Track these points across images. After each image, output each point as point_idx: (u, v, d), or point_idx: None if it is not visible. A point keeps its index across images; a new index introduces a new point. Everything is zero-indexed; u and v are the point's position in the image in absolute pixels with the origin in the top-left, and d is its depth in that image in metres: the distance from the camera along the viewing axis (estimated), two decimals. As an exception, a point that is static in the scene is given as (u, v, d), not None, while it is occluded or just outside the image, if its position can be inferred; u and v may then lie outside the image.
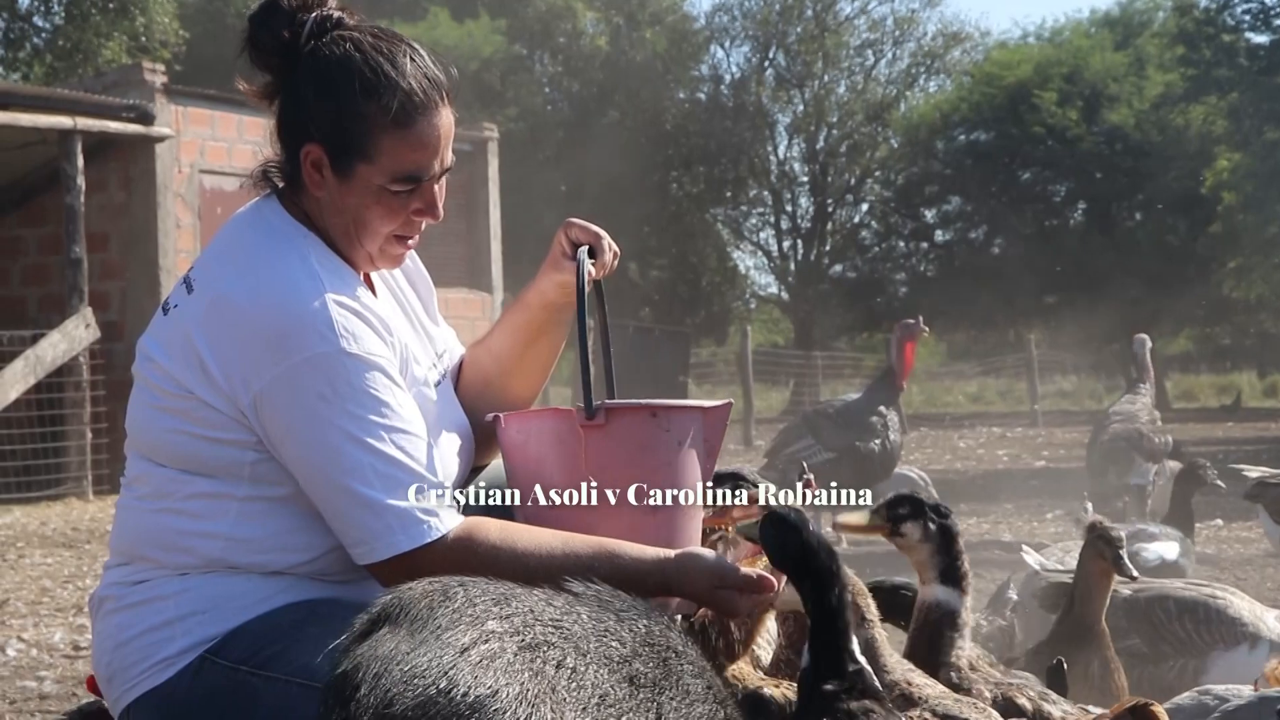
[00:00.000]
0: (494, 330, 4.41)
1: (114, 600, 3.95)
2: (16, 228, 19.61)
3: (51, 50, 30.60)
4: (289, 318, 3.74)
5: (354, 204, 3.91)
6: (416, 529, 3.70)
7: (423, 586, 3.27)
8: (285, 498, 3.84)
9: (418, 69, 3.90)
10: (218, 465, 3.84)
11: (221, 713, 3.80)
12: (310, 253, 3.89)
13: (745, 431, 26.65)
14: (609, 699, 3.30)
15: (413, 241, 4.06)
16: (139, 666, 3.88)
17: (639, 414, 3.94)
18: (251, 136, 19.62)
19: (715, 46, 51.15)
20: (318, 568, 3.90)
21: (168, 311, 3.94)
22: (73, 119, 17.72)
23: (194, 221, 18.95)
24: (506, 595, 3.32)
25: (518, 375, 4.34)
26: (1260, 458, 16.28)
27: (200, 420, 3.81)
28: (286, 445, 3.77)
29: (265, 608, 3.83)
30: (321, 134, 3.87)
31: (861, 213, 53.30)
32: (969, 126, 47.72)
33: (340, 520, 3.76)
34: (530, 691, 3.16)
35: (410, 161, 3.88)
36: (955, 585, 4.63)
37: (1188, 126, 41.00)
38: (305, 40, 3.89)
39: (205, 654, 3.82)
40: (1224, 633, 5.82)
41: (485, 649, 3.16)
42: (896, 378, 13.28)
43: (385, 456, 3.73)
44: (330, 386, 3.72)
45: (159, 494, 3.91)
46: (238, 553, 3.85)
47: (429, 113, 3.89)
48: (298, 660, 3.67)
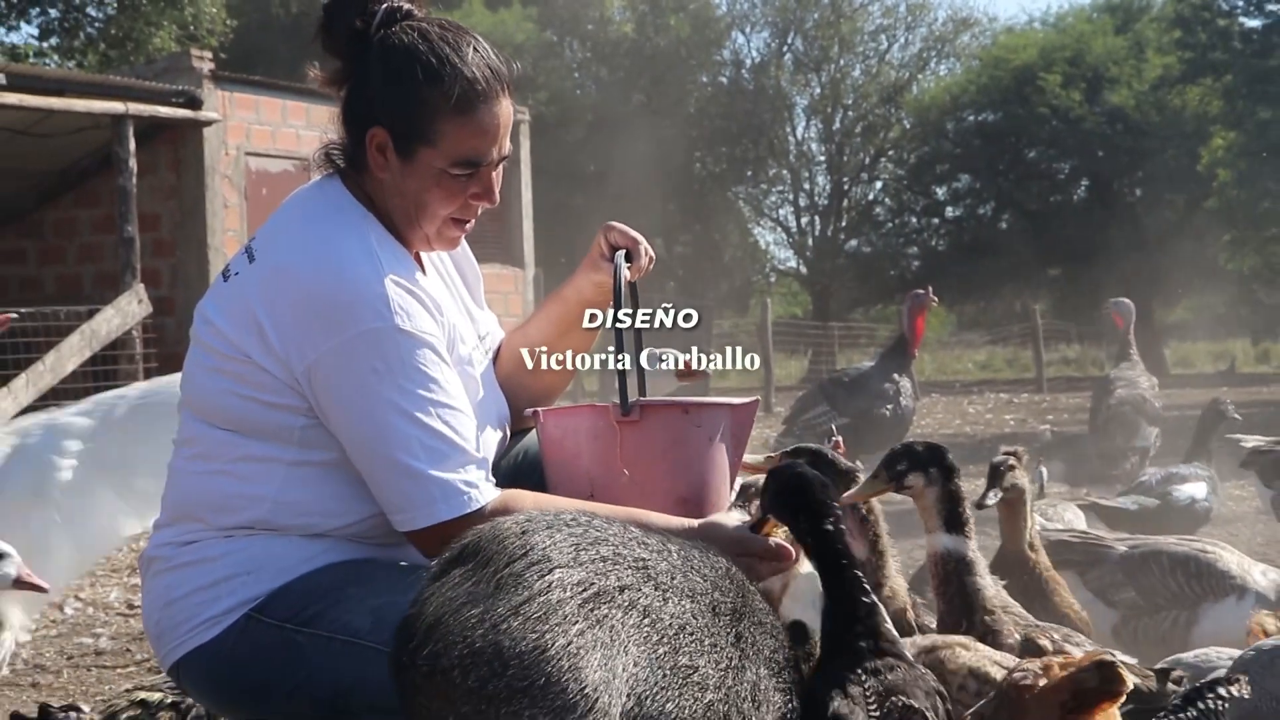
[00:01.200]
0: (531, 319, 4.45)
1: (163, 561, 3.96)
2: (72, 208, 19.64)
3: (104, 39, 30.60)
4: (347, 292, 3.74)
5: (415, 187, 3.92)
6: (458, 499, 3.71)
7: (507, 526, 3.30)
8: (331, 463, 3.85)
9: (480, 59, 3.91)
10: (268, 428, 3.84)
11: (266, 669, 3.80)
12: (369, 232, 3.90)
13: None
14: (689, 627, 3.35)
15: (469, 225, 4.07)
16: (187, 625, 3.89)
17: (672, 411, 3.97)
18: (295, 120, 19.62)
19: (736, 32, 51.05)
20: (359, 531, 3.90)
21: (228, 278, 3.94)
22: (124, 104, 17.71)
23: (240, 202, 18.96)
24: (593, 539, 3.36)
25: (550, 363, 4.32)
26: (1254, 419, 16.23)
27: (254, 384, 3.82)
28: (337, 414, 3.78)
29: (308, 568, 3.84)
30: (387, 118, 3.88)
31: (876, 190, 53.22)
32: (977, 108, 47.66)
33: (385, 488, 3.77)
34: (579, 643, 3.17)
35: (470, 147, 3.89)
36: (959, 531, 4.60)
37: (1184, 107, 40.89)
38: (375, 29, 3.90)
39: (250, 612, 3.83)
40: (1213, 585, 5.82)
41: (542, 601, 3.18)
42: (909, 346, 13.24)
43: (431, 430, 3.73)
44: (383, 361, 3.72)
45: (209, 455, 3.92)
46: (283, 515, 3.86)
47: (490, 101, 3.90)
48: (339, 618, 3.70)
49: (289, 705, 3.78)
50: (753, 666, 3.44)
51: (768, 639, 3.52)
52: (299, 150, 19.37)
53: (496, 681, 3.10)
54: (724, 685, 3.37)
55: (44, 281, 19.54)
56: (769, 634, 3.53)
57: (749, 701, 3.40)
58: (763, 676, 3.46)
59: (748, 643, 3.45)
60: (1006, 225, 47.42)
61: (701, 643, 3.36)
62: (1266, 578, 5.88)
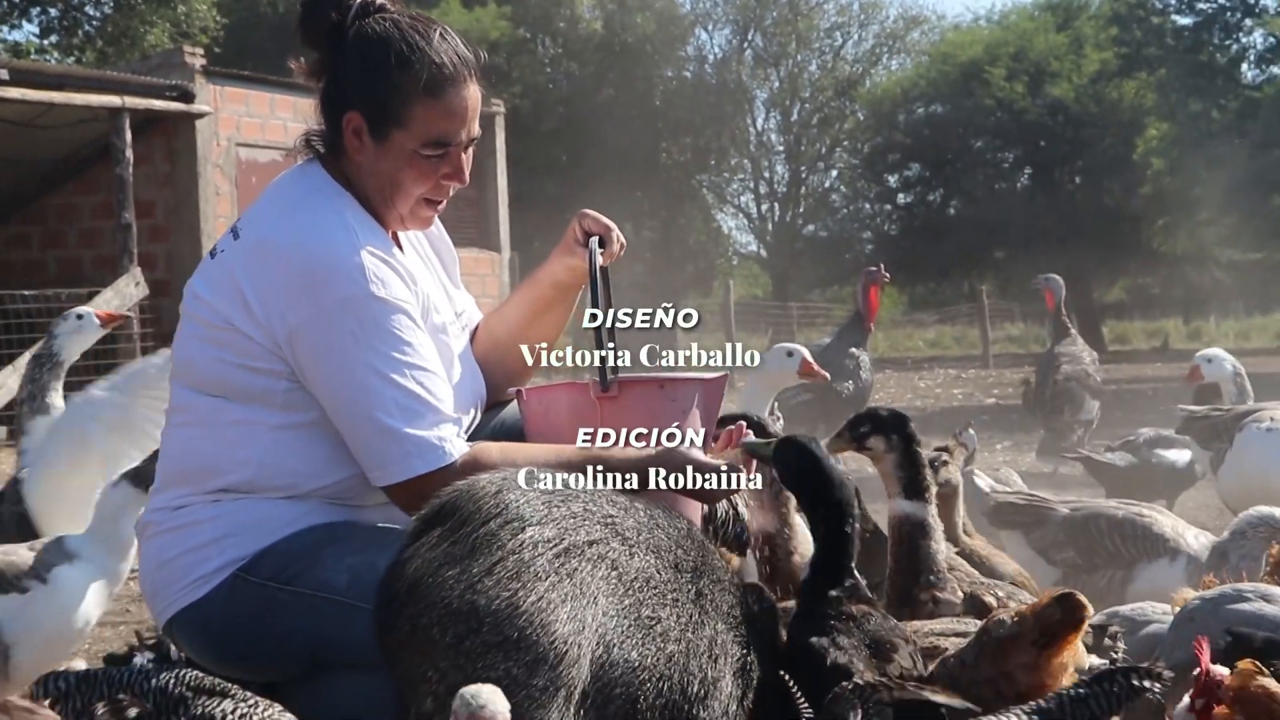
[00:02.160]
0: (508, 300, 4.50)
1: (156, 525, 3.99)
2: (72, 196, 19.58)
3: (101, 36, 30.52)
4: (324, 262, 3.78)
5: (389, 167, 3.96)
6: (432, 454, 3.73)
7: (483, 485, 3.33)
8: (313, 424, 3.88)
9: (448, 46, 3.96)
10: (253, 392, 3.87)
11: (252, 624, 3.84)
12: (345, 209, 3.94)
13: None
14: (653, 581, 3.39)
15: (441, 205, 4.11)
16: (178, 584, 3.93)
17: (648, 386, 4.01)
18: (282, 113, 19.58)
19: (699, 29, 51.15)
20: (338, 491, 3.92)
21: (215, 255, 4.00)
22: (121, 98, 17.65)
23: (231, 190, 18.92)
24: (565, 495, 3.39)
25: (527, 340, 4.35)
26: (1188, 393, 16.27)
27: (239, 350, 3.85)
28: (317, 377, 3.81)
29: (290, 530, 3.87)
30: (362, 102, 3.93)
31: (831, 178, 53.51)
32: (927, 100, 47.72)
33: (363, 446, 3.80)
34: (549, 598, 3.20)
35: (439, 128, 3.94)
36: (919, 497, 4.55)
37: (1121, 100, 41.01)
38: (350, 21, 3.95)
39: (237, 572, 3.87)
40: (1148, 547, 5.84)
41: (515, 560, 3.22)
42: (864, 321, 13.17)
43: (405, 390, 3.76)
44: (359, 326, 3.76)
45: (198, 422, 3.95)
46: (267, 477, 3.89)
47: (458, 85, 3.95)
48: (319, 576, 3.73)
49: (274, 659, 3.80)
50: (711, 621, 3.46)
51: (726, 596, 3.54)
52: (286, 141, 19.30)
53: (473, 638, 3.13)
54: (684, 638, 3.39)
55: (47, 265, 19.48)
56: (727, 591, 3.55)
57: (707, 655, 3.43)
58: (720, 631, 3.48)
59: (707, 599, 3.47)
60: (954, 211, 47.46)
61: (664, 596, 3.39)
62: (1199, 541, 5.90)
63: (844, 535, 3.68)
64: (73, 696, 3.28)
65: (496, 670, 3.11)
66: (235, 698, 3.28)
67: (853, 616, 3.61)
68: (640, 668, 3.30)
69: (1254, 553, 5.62)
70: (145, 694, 3.24)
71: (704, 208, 52.18)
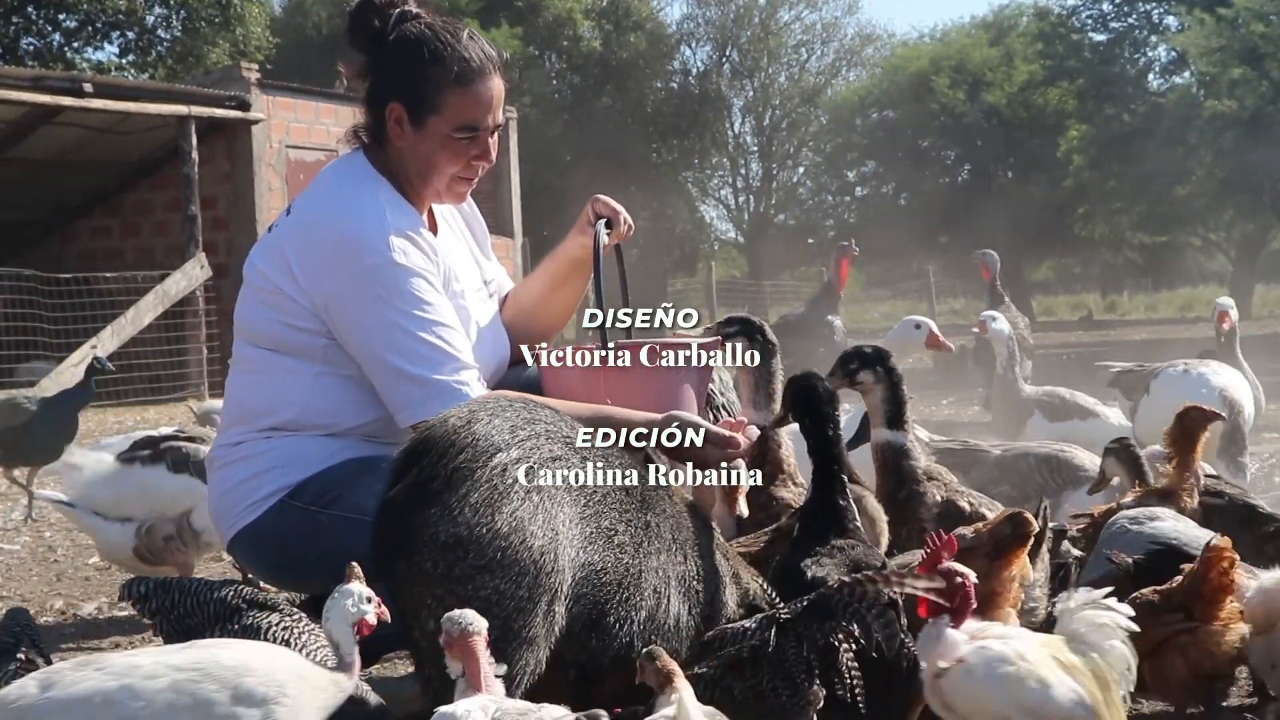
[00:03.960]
0: (532, 273, 4.50)
1: (218, 460, 4.06)
2: (146, 192, 19.57)
3: (171, 55, 30.44)
4: (355, 236, 3.82)
5: (426, 150, 3.99)
6: (451, 396, 3.72)
7: (453, 417, 3.27)
8: (347, 375, 3.91)
9: (475, 44, 4.00)
10: (297, 347, 3.91)
11: (297, 542, 3.88)
12: (379, 191, 3.97)
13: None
14: (610, 497, 3.36)
15: (473, 183, 4.13)
16: (236, 509, 3.97)
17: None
18: (325, 119, 19.54)
19: (684, 46, 50.98)
20: (370, 430, 3.95)
21: (271, 230, 4.06)
22: (188, 108, 17.66)
23: (282, 186, 18.89)
24: (527, 418, 3.33)
25: (545, 309, 4.41)
26: (1104, 354, 16.30)
27: (286, 310, 3.89)
28: (351, 334, 3.83)
29: (330, 462, 3.91)
30: (402, 94, 3.96)
31: (799, 174, 53.55)
32: (880, 106, 47.82)
33: (390, 392, 3.82)
34: (521, 514, 3.16)
35: (469, 114, 3.97)
36: (899, 426, 4.51)
37: (1046, 105, 41.01)
38: (390, 27, 3.99)
39: (284, 498, 3.92)
40: (1071, 477, 5.82)
41: (488, 486, 3.16)
42: (835, 288, 13.08)
43: (427, 343, 3.79)
44: (385, 289, 3.78)
45: (253, 369, 4.01)
46: (309, 417, 3.94)
47: (484, 77, 3.98)
48: (354, 501, 3.75)
49: (317, 572, 3.79)
50: (659, 543, 3.42)
51: (669, 521, 3.47)
52: (329, 143, 19.30)
53: (461, 564, 3.11)
54: (639, 552, 3.36)
55: (125, 252, 19.47)
56: (670, 517, 3.48)
57: (657, 573, 3.38)
58: (667, 554, 3.43)
59: (653, 526, 3.42)
60: (905, 202, 47.41)
61: (620, 512, 3.36)
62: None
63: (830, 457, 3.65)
64: (150, 599, 3.30)
65: (485, 589, 3.09)
66: (282, 611, 3.28)
67: (839, 547, 3.58)
68: (602, 570, 3.27)
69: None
70: (207, 603, 3.26)
71: (689, 200, 52.08)
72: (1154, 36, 38.88)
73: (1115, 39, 39.31)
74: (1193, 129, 32.76)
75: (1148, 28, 39.22)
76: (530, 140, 32.35)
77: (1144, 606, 3.57)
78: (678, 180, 50.47)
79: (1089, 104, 37.52)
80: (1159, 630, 3.61)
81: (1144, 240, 43.02)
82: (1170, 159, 32.97)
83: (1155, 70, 40.19)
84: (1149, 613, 3.56)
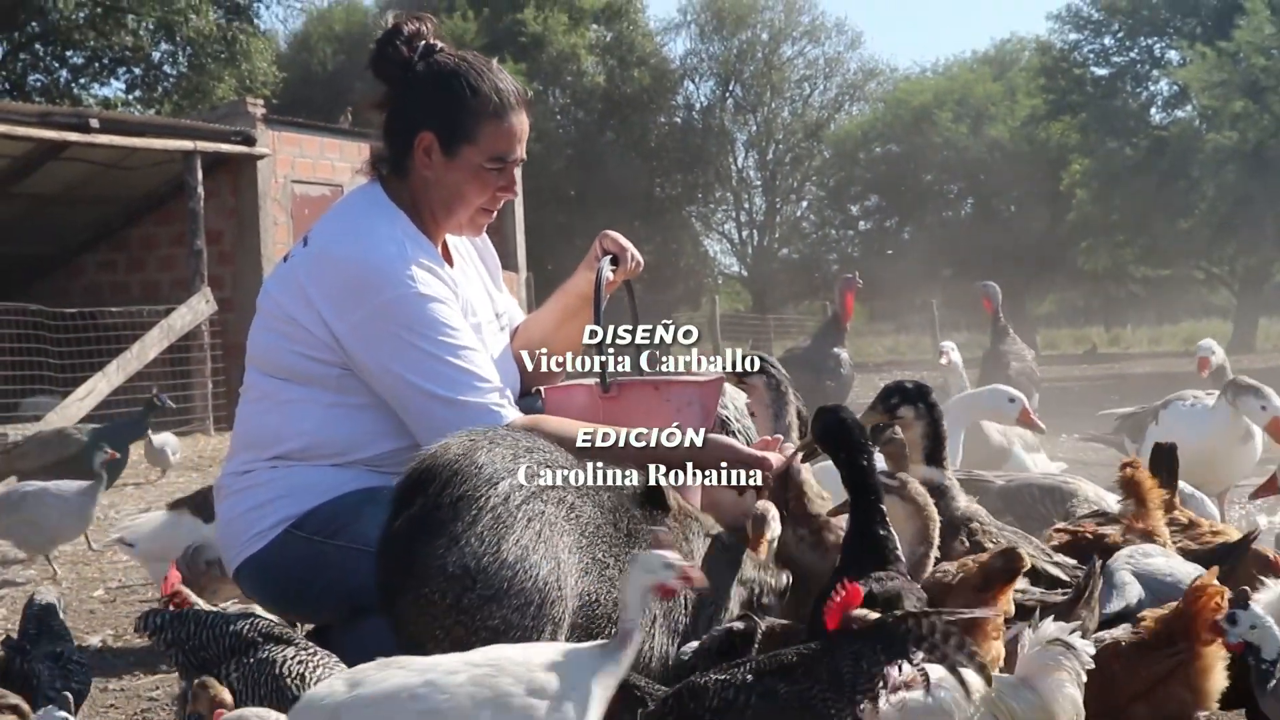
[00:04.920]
0: (543, 306, 4.51)
1: (226, 488, 4.05)
2: (152, 227, 19.56)
3: (177, 91, 30.53)
4: (375, 269, 3.82)
5: (455, 179, 4.00)
6: (488, 417, 3.74)
7: (452, 449, 3.30)
8: (358, 405, 3.91)
9: (506, 79, 4.04)
10: (310, 375, 3.91)
11: (302, 572, 3.86)
12: (398, 224, 3.97)
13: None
14: (601, 530, 3.40)
15: (492, 215, 4.16)
16: (242, 537, 3.97)
17: (643, 388, 4.01)
18: (330, 154, 19.57)
19: (687, 82, 51.13)
20: (378, 461, 3.94)
21: (287, 260, 4.05)
22: (194, 143, 17.67)
23: (287, 220, 18.90)
24: (527, 448, 3.37)
25: (554, 342, 4.36)
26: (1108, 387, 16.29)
27: (300, 340, 3.88)
28: (376, 365, 3.82)
29: (336, 493, 3.89)
30: (436, 123, 3.97)
31: (802, 208, 53.60)
32: (883, 140, 47.94)
33: (424, 418, 3.80)
34: (524, 542, 3.19)
35: (502, 145, 4.00)
36: (938, 464, 4.41)
37: (1049, 139, 41.01)
38: (419, 58, 4.00)
39: (289, 528, 3.90)
40: (1075, 510, 5.81)
41: (491, 515, 3.19)
42: (841, 321, 13.04)
43: (457, 367, 3.79)
44: (409, 319, 3.79)
45: (264, 398, 4.00)
46: (319, 446, 3.93)
47: (516, 110, 4.02)
48: (358, 532, 3.73)
49: (321, 602, 3.83)
50: None
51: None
52: (334, 178, 19.36)
53: (469, 595, 3.12)
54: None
55: (130, 286, 19.46)
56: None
57: None
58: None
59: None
60: (908, 235, 47.60)
61: (610, 546, 3.38)
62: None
63: (867, 488, 3.60)
64: (166, 630, 3.31)
65: (493, 620, 3.11)
66: (298, 645, 3.29)
67: (878, 578, 3.50)
68: (595, 602, 3.29)
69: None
70: (223, 636, 3.27)
71: (693, 234, 52.16)
72: (1156, 71, 38.94)
73: (1117, 73, 39.38)
74: (1195, 162, 32.82)
75: (1150, 62, 39.28)
76: (534, 175, 32.45)
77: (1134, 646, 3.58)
78: (681, 215, 50.56)
79: (1091, 138, 37.54)
80: (1159, 666, 3.59)
81: (1147, 273, 43.00)
82: (1173, 192, 33.03)
83: (1157, 104, 40.26)
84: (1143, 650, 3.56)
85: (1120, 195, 35.17)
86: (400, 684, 2.67)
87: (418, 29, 4.03)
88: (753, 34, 51.29)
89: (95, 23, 28.50)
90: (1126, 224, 35.95)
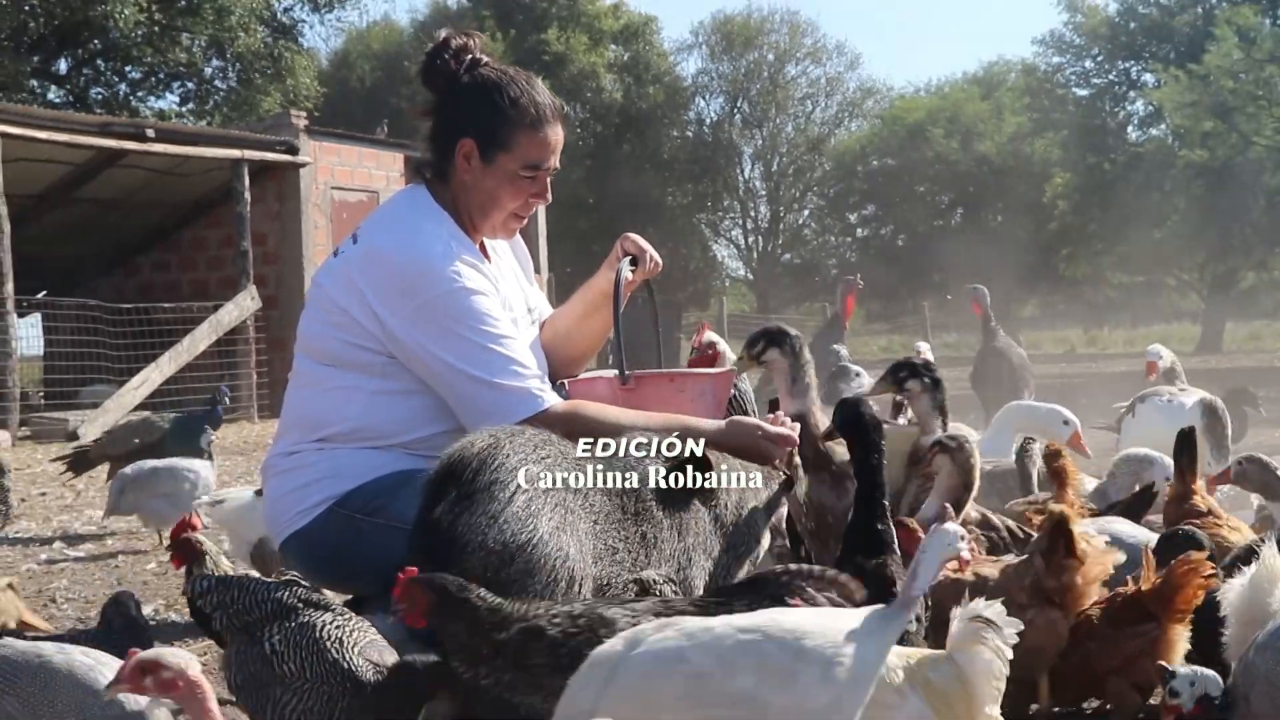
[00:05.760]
0: (569, 302, 4.51)
1: (274, 468, 4.05)
2: (202, 229, 19.60)
3: (227, 104, 30.58)
4: (422, 267, 3.83)
5: (492, 184, 4.01)
6: (531, 401, 3.77)
7: (478, 442, 3.31)
8: (401, 392, 3.91)
9: (545, 93, 4.05)
10: (357, 363, 3.91)
11: (342, 547, 3.87)
12: (443, 224, 3.98)
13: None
14: (611, 516, 3.39)
15: (524, 220, 4.17)
16: (288, 514, 3.97)
17: (660, 380, 4.04)
18: (367, 163, 19.61)
19: (699, 98, 51.18)
20: (417, 444, 3.93)
21: (337, 254, 4.05)
22: (241, 151, 17.73)
23: (327, 224, 18.94)
24: (542, 440, 3.39)
25: (578, 335, 4.43)
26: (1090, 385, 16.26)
27: (349, 330, 3.89)
28: (426, 354, 3.83)
29: (377, 474, 3.89)
30: (476, 131, 3.98)
31: (804, 217, 53.61)
32: (880, 154, 48.06)
33: (471, 402, 3.82)
34: (553, 524, 3.20)
35: (536, 154, 4.00)
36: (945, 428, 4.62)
37: (1033, 154, 41.14)
38: (465, 70, 4.00)
39: (332, 506, 3.90)
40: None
41: (525, 498, 3.19)
42: (841, 320, 13.04)
43: (500, 354, 3.80)
44: (456, 310, 3.80)
45: (311, 384, 4.00)
46: (363, 430, 3.93)
47: (552, 122, 4.03)
48: (396, 511, 3.72)
49: (360, 576, 3.84)
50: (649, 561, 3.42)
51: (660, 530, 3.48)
52: (370, 185, 19.40)
53: (507, 569, 3.13)
54: (633, 570, 3.37)
55: (182, 285, 19.50)
56: (669, 532, 3.49)
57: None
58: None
59: (649, 541, 3.44)
60: (902, 243, 47.55)
61: (619, 531, 3.38)
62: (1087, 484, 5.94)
63: (872, 484, 3.56)
64: (211, 594, 3.31)
65: (528, 592, 3.11)
66: (335, 611, 3.28)
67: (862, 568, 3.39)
68: (607, 585, 3.30)
69: (1124, 485, 5.68)
70: (265, 601, 3.27)
71: (702, 240, 52.15)
72: (1132, 92, 38.99)
73: (1097, 93, 39.41)
74: (1168, 177, 32.85)
75: (1127, 84, 39.31)
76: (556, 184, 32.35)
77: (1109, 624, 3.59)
78: (692, 222, 50.57)
79: (1072, 153, 37.58)
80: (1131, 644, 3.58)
81: (1123, 280, 42.93)
82: (1147, 204, 33.01)
83: (1134, 123, 40.32)
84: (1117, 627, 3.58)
85: (1099, 207, 35.24)
86: (672, 645, 2.68)
87: (465, 43, 4.03)
88: (759, 55, 51.38)
89: (152, 40, 28.52)
90: (1104, 233, 35.93)
